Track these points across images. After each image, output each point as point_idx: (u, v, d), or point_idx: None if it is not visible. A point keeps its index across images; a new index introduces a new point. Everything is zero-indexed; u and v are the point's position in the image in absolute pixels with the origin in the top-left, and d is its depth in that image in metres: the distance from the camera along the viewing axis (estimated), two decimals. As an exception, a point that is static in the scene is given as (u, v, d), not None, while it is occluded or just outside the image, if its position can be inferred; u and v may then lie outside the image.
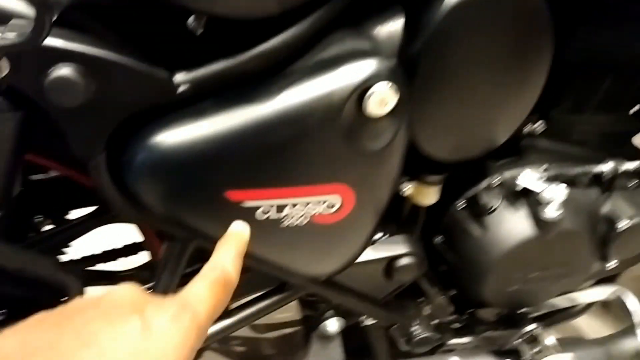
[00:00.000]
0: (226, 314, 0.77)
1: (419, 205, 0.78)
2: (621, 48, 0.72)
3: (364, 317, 0.90)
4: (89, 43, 0.50)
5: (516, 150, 0.81)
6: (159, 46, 0.54)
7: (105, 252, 1.00)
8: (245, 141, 0.55)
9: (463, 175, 0.80)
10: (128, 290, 0.39)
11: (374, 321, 0.92)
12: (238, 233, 0.51)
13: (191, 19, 0.56)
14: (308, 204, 0.60)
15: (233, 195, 0.57)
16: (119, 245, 1.01)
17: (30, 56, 0.48)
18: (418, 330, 0.87)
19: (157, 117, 0.55)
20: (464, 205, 0.80)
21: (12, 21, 0.47)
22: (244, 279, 0.76)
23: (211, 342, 0.77)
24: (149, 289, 0.73)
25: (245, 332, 1.34)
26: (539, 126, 0.80)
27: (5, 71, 0.48)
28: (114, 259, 1.01)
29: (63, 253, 0.95)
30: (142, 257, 1.00)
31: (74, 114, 0.52)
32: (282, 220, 0.61)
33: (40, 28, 0.43)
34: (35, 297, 0.80)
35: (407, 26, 0.62)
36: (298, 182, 0.59)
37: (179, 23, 0.56)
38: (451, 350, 0.89)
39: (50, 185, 0.90)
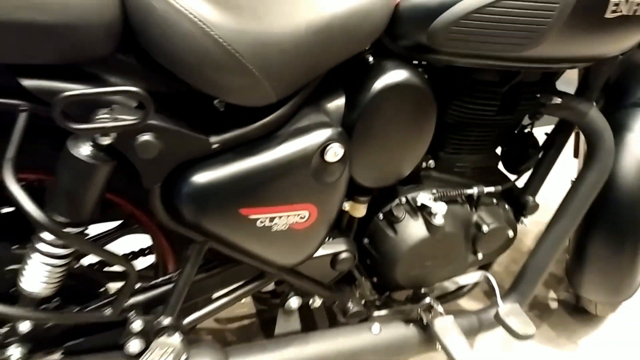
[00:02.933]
0: (217, 297, 1.09)
1: (354, 217, 1.15)
2: (478, 115, 1.12)
3: (314, 299, 1.24)
4: (161, 119, 0.82)
5: (417, 179, 1.19)
6: (200, 118, 0.88)
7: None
8: (252, 177, 0.89)
9: (382, 197, 1.17)
10: None
11: (320, 302, 1.26)
12: None
13: (217, 101, 0.90)
14: (288, 216, 0.95)
15: (245, 211, 0.91)
16: (127, 250, 1.30)
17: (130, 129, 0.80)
18: (351, 306, 1.22)
19: (198, 164, 0.88)
20: (382, 217, 1.17)
21: (115, 106, 0.79)
22: (235, 270, 1.09)
23: (207, 319, 1.07)
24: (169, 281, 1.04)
25: (210, 324, 1.64)
26: (431, 163, 1.19)
27: (113, 138, 0.79)
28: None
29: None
30: (148, 260, 1.29)
31: (147, 162, 0.83)
32: (272, 227, 0.95)
33: (146, 114, 0.76)
34: (80, 287, 1.09)
35: (347, 103, 0.99)
36: (283, 202, 0.93)
37: (211, 103, 0.90)
38: (375, 320, 1.24)
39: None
